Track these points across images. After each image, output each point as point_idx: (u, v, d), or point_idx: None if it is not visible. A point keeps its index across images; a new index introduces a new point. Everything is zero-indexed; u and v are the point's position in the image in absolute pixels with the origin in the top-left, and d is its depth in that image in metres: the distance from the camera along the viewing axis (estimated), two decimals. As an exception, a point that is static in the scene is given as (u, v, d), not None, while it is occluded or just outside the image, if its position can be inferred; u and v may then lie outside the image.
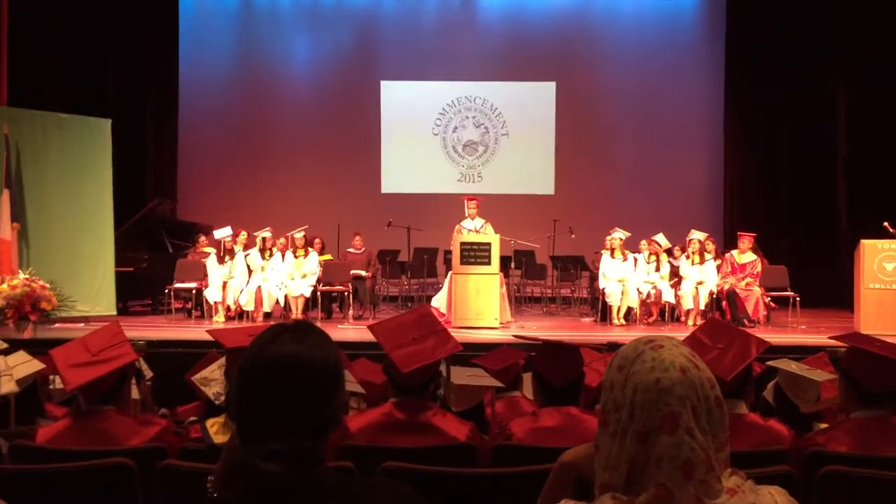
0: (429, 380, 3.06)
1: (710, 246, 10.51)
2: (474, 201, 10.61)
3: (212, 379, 3.28)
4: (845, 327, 9.06)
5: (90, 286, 9.83)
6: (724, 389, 1.50)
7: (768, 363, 3.80)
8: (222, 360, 3.41)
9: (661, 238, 10.62)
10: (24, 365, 3.71)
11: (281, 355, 1.44)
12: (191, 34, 14.02)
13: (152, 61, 13.64)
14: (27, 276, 8.38)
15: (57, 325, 8.61)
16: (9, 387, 3.44)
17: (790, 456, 2.79)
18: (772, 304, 10.04)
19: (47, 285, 8.37)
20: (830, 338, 3.91)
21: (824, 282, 11.37)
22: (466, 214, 10.49)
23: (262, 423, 1.41)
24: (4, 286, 8.17)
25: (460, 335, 7.46)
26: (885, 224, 9.42)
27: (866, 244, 9.04)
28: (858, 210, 11.94)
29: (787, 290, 9.86)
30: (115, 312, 9.89)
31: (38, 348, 4.26)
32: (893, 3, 11.62)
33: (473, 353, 4.82)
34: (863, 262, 8.99)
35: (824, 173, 12.71)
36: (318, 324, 9.28)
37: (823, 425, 3.34)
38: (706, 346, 3.06)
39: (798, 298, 9.69)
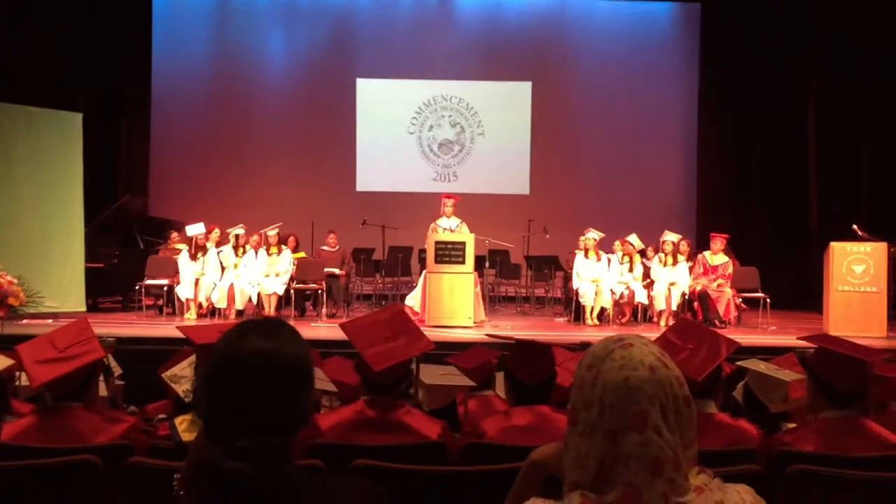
0: (400, 378, 3.06)
1: (684, 247, 10.60)
2: (451, 199, 10.60)
3: (181, 376, 3.25)
4: (814, 329, 9.17)
5: (59, 282, 9.70)
6: (694, 389, 1.51)
7: (738, 363, 3.83)
8: (193, 358, 3.38)
9: (634, 239, 10.69)
10: (-10, 361, 3.65)
11: (249, 351, 1.42)
12: (165, 28, 13.90)
13: (126, 55, 13.47)
14: (-6, 272, 8.25)
15: (25, 321, 8.49)
16: (-27, 383, 3.38)
17: (758, 455, 2.82)
18: (743, 305, 10.14)
19: (15, 280, 8.23)
20: (799, 338, 3.96)
21: (794, 283, 11.52)
22: (442, 212, 10.49)
23: (228, 419, 1.39)
24: (-29, 281, 8.04)
25: (434, 334, 7.47)
26: (855, 227, 9.57)
27: (835, 247, 9.16)
28: (829, 213, 12.12)
29: (757, 292, 9.98)
30: (84, 309, 9.76)
31: (4, 344, 4.20)
32: (865, 10, 11.79)
33: (447, 353, 4.82)
34: (832, 264, 9.10)
35: (796, 176, 12.88)
36: (291, 322, 9.23)
37: (792, 425, 3.37)
38: (676, 346, 3.08)
39: (768, 300, 9.81)
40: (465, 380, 3.82)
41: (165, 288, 10.32)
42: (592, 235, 10.42)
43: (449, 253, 9.48)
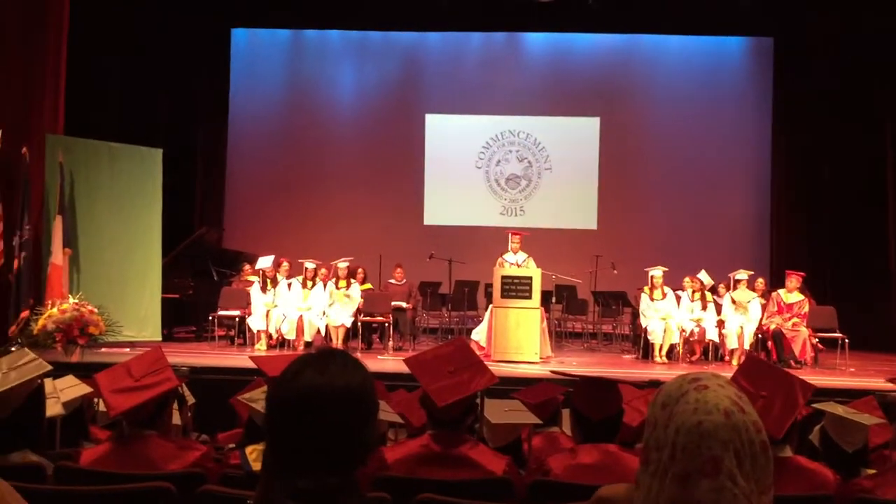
0: (465, 413, 3.05)
1: (760, 284, 10.34)
2: (518, 236, 10.59)
3: (258, 398, 3.33)
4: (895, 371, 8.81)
5: (137, 312, 10.02)
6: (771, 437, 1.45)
7: (814, 405, 3.71)
8: (266, 386, 3.45)
9: (703, 276, 10.47)
10: (72, 388, 3.79)
11: (301, 388, 1.42)
12: (242, 66, 14.36)
13: (203, 92, 13.99)
14: (76, 301, 8.56)
15: (103, 349, 8.76)
16: (55, 409, 3.50)
17: (836, 501, 2.72)
18: (819, 345, 9.81)
19: (96, 310, 8.53)
20: (889, 380, 3.82)
21: (873, 324, 11.08)
22: (509, 248, 10.48)
23: (288, 458, 1.40)
24: (54, 310, 8.36)
25: (500, 369, 7.43)
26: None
27: (918, 286, 8.82)
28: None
29: (835, 332, 9.64)
30: (160, 338, 10.03)
31: (84, 372, 4.35)
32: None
33: (513, 388, 4.79)
34: (914, 304, 8.76)
35: (873, 213, 12.43)
36: (358, 354, 9.29)
37: (871, 471, 3.24)
38: (749, 393, 2.98)
39: (847, 340, 9.47)
40: (530, 416, 3.78)
41: (237, 319, 10.55)
42: (656, 273, 10.23)
43: (515, 288, 9.45)
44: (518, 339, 9.30)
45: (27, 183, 9.30)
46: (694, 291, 10.26)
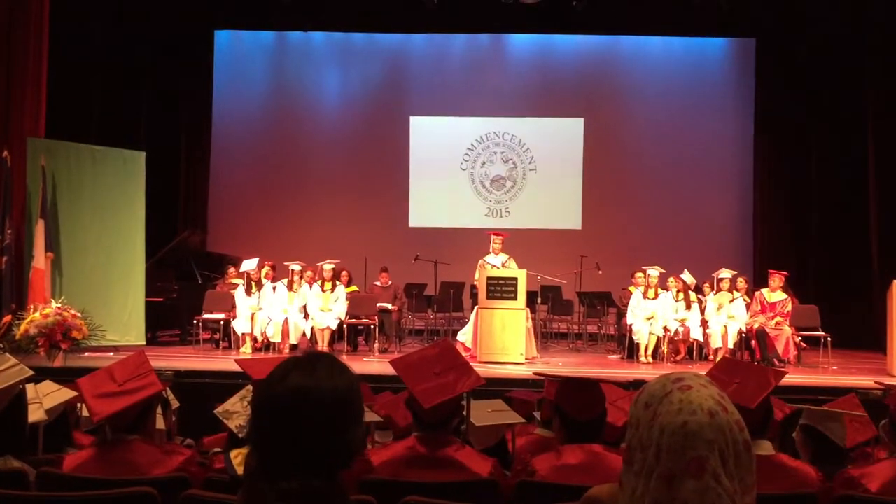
0: (451, 414, 3.06)
1: (742, 283, 10.40)
2: (500, 237, 10.60)
3: (233, 412, 3.29)
4: (878, 369, 8.90)
5: (120, 316, 9.94)
6: (747, 425, 1.45)
7: (796, 405, 3.74)
8: (243, 392, 3.43)
9: (686, 275, 10.52)
10: (55, 394, 3.75)
11: (287, 390, 1.42)
12: (225, 69, 14.29)
13: (186, 94, 13.91)
14: (59, 305, 8.49)
15: (87, 353, 8.69)
16: (38, 415, 3.47)
17: (818, 499, 2.74)
18: (802, 344, 9.88)
19: (78, 314, 8.47)
20: (877, 382, 3.86)
21: (856, 322, 11.17)
22: (491, 249, 10.49)
23: (275, 460, 1.40)
24: (37, 315, 8.29)
25: (485, 370, 7.45)
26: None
27: (899, 284, 8.88)
28: (891, 249, 11.76)
29: (818, 331, 9.71)
30: (144, 342, 9.96)
31: (67, 377, 4.31)
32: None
33: (498, 389, 4.81)
34: (894, 302, 8.83)
35: (856, 211, 12.53)
36: (344, 356, 9.27)
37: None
38: (723, 381, 3.03)
39: (829, 339, 9.54)
40: (513, 416, 3.79)
41: (222, 322, 10.49)
42: (653, 272, 10.25)
43: (501, 289, 9.46)
44: (503, 340, 9.30)
45: (8, 187, 9.22)
46: (678, 291, 10.31)
